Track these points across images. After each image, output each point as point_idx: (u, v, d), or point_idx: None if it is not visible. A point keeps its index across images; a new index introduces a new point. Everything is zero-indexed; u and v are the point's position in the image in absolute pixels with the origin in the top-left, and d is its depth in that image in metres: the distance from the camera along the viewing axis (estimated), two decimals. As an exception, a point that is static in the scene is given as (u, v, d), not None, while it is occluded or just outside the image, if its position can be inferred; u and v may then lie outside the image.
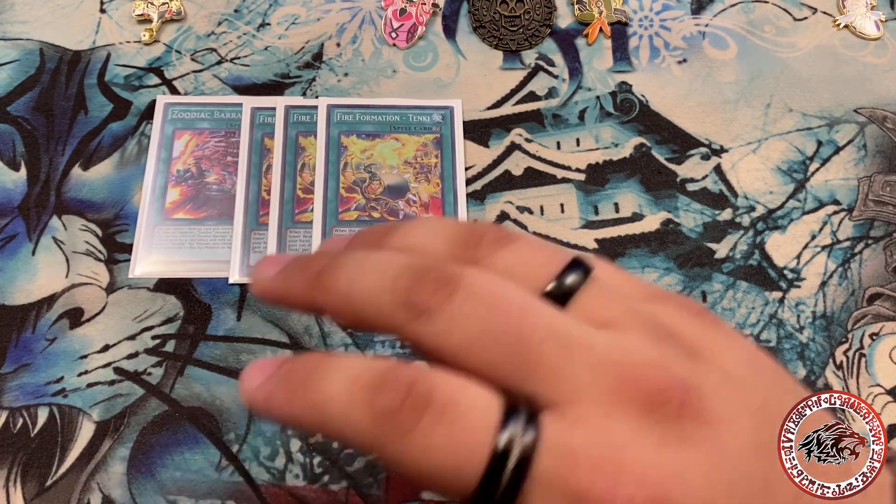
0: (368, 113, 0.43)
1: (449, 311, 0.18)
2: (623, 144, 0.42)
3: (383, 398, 0.17)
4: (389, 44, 0.45)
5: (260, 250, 0.39)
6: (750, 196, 0.41)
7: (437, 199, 0.41)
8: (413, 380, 0.17)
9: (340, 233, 0.39)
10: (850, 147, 0.43)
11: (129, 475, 0.34)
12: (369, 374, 0.18)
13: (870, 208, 0.41)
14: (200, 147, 0.42)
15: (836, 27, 0.47)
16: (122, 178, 0.41)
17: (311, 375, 0.18)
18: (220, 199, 0.40)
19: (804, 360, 0.37)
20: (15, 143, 0.41)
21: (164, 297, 0.38)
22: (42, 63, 0.44)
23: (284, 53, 0.45)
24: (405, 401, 0.17)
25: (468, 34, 0.46)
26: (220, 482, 0.34)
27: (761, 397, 0.19)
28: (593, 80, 0.44)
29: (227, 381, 0.36)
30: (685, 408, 0.17)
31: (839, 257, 0.40)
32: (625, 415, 0.17)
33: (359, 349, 0.37)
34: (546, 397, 0.17)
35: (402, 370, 0.18)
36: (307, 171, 0.41)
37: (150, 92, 0.43)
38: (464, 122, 0.43)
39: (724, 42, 0.46)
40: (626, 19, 0.46)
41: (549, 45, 0.46)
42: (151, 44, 0.45)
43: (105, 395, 0.35)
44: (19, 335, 0.36)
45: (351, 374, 0.18)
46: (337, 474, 0.34)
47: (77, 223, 0.39)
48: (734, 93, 0.44)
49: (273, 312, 0.37)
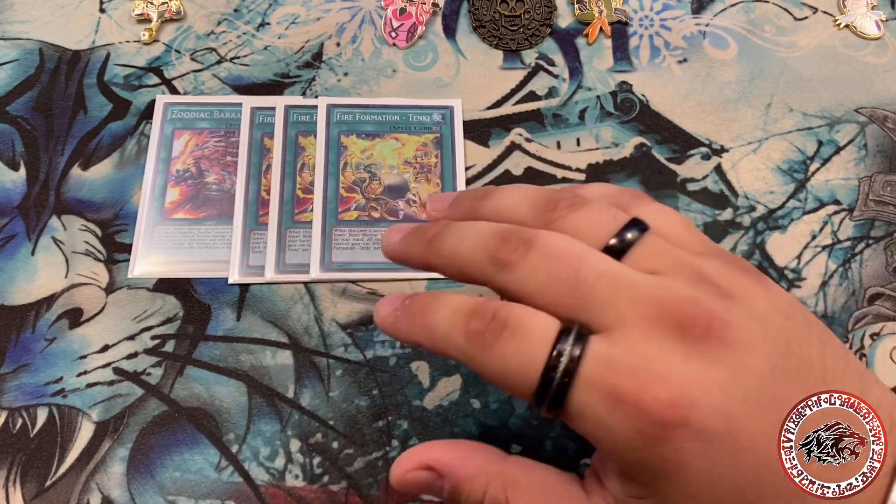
0: (368, 113, 0.43)
1: (524, 264, 0.23)
2: (623, 144, 0.42)
3: (474, 323, 0.23)
4: (389, 43, 0.45)
5: (259, 250, 0.39)
6: (750, 196, 0.41)
7: (436, 198, 0.41)
8: (496, 310, 0.23)
9: (340, 233, 0.39)
10: (851, 147, 0.43)
11: (129, 475, 0.34)
12: (466, 306, 0.23)
13: (870, 208, 0.41)
14: (200, 147, 0.41)
15: (836, 27, 0.47)
16: (122, 178, 0.41)
17: (425, 307, 0.24)
18: (219, 199, 0.40)
19: (804, 361, 0.37)
20: (14, 143, 0.41)
21: (164, 298, 0.38)
22: (41, 63, 0.44)
23: (284, 53, 0.45)
24: (489, 324, 0.22)
25: (468, 34, 0.46)
26: (219, 482, 0.34)
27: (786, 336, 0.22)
28: (593, 80, 0.44)
29: (227, 381, 0.36)
30: (710, 331, 0.21)
31: (840, 257, 0.40)
32: (658, 337, 0.21)
33: (359, 349, 0.37)
34: (596, 324, 0.22)
35: (490, 304, 0.23)
36: (307, 170, 0.41)
37: (149, 92, 0.43)
38: (464, 121, 0.43)
39: (725, 42, 0.46)
40: (626, 19, 0.46)
41: (550, 44, 0.46)
42: (151, 43, 0.45)
43: (104, 396, 0.35)
44: (18, 335, 0.36)
45: (453, 306, 0.24)
46: (337, 474, 0.34)
47: (76, 223, 0.39)
48: (734, 92, 0.44)
49: (273, 312, 0.37)
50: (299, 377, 0.36)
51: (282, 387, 0.36)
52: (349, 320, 0.37)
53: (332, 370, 0.36)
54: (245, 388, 0.36)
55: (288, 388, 0.36)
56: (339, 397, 0.36)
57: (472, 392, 0.36)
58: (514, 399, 0.36)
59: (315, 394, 0.36)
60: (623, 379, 0.20)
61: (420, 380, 0.36)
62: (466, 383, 0.36)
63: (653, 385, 0.20)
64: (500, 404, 0.36)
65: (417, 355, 0.37)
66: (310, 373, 0.36)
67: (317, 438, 0.35)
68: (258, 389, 0.36)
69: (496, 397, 0.36)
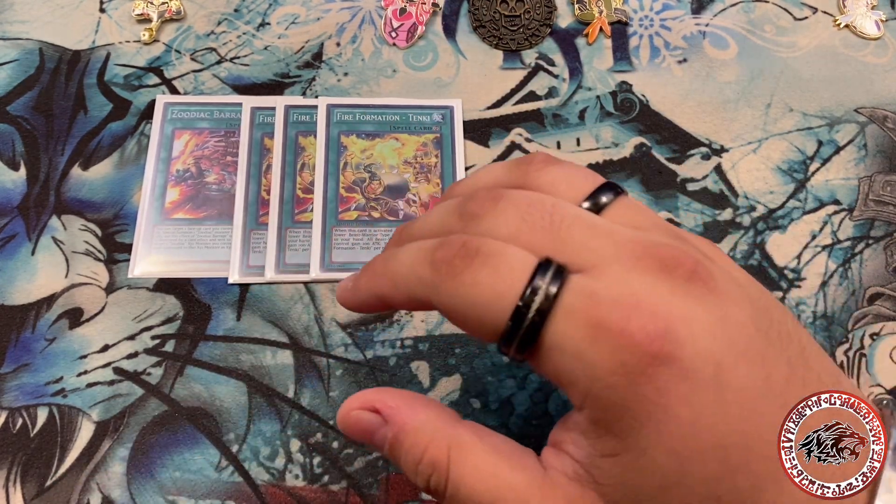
0: (368, 112, 0.43)
1: (494, 213, 0.21)
2: (623, 144, 0.42)
3: (441, 252, 0.21)
4: (389, 43, 0.45)
5: (260, 250, 0.39)
6: (750, 196, 0.41)
7: (437, 198, 0.41)
8: (466, 240, 0.21)
9: (340, 233, 0.39)
10: (851, 147, 0.43)
11: (129, 475, 0.34)
12: (431, 241, 0.22)
13: (870, 208, 0.41)
14: (200, 147, 0.42)
15: (836, 27, 0.47)
16: (122, 178, 0.41)
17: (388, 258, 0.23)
18: (219, 199, 0.40)
19: (804, 360, 0.37)
20: (14, 143, 0.41)
21: (164, 297, 0.38)
22: (41, 63, 0.44)
23: (284, 53, 0.45)
24: (458, 251, 0.21)
25: (468, 34, 0.46)
26: (219, 482, 0.34)
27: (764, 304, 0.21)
28: (593, 80, 0.44)
29: (227, 381, 0.36)
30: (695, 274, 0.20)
31: (839, 257, 0.40)
32: (642, 273, 0.20)
33: (359, 349, 0.37)
34: (576, 264, 0.20)
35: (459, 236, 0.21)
36: (307, 170, 0.41)
37: (149, 91, 0.43)
38: (464, 121, 0.43)
39: (725, 42, 0.46)
40: (626, 19, 0.46)
41: (549, 44, 0.46)
42: (151, 43, 0.45)
43: (105, 396, 0.35)
44: (19, 335, 0.36)
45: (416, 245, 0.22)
46: (337, 474, 0.34)
47: (76, 223, 0.39)
48: (734, 92, 0.44)
49: (273, 312, 0.37)
50: (299, 377, 0.36)
51: (282, 387, 0.36)
52: (349, 320, 0.37)
53: (333, 370, 0.36)
54: (245, 387, 0.36)
55: (288, 388, 0.36)
56: (340, 397, 0.36)
57: (472, 392, 0.36)
58: (514, 399, 0.36)
59: (315, 394, 0.36)
60: (607, 309, 0.19)
61: (420, 380, 0.36)
62: (466, 383, 0.36)
63: (639, 315, 0.19)
64: (500, 404, 0.36)
65: (417, 355, 0.37)
66: (310, 373, 0.36)
67: (317, 438, 0.35)
68: (258, 389, 0.36)
69: (496, 397, 0.36)
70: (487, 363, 0.37)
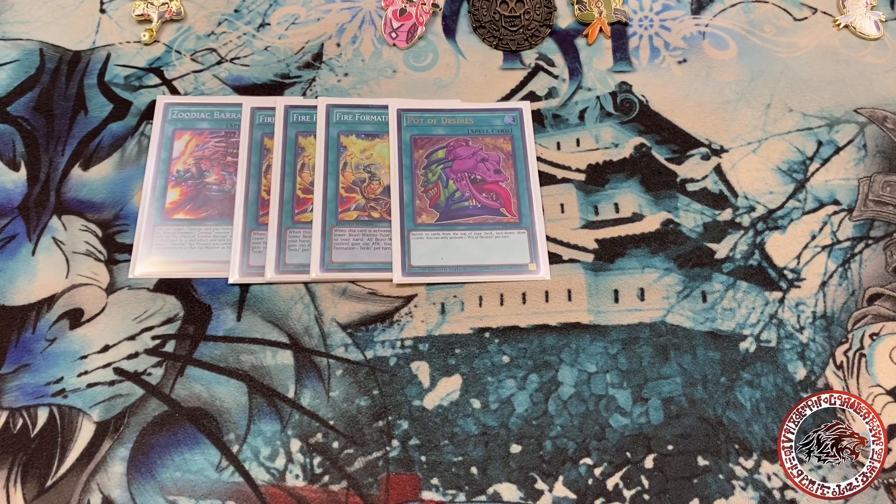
0: (368, 113, 0.43)
1: None
2: (623, 144, 0.42)
3: None
4: (389, 44, 0.45)
5: (260, 250, 0.39)
6: (750, 196, 0.41)
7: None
8: None
9: (340, 233, 0.39)
10: (851, 147, 0.43)
11: (129, 475, 0.34)
12: None
13: (870, 208, 0.41)
14: (200, 147, 0.42)
15: (836, 27, 0.47)
16: (122, 179, 0.41)
17: None
18: (219, 200, 0.40)
19: (804, 360, 0.37)
20: (15, 144, 0.41)
21: (164, 298, 0.38)
22: (42, 63, 0.44)
23: (284, 53, 0.45)
24: None
25: (468, 34, 0.46)
26: (220, 482, 0.34)
27: None
28: (593, 80, 0.44)
29: (228, 382, 0.36)
30: None
31: (839, 257, 0.40)
32: None
33: (359, 349, 0.37)
34: None
35: None
36: (307, 171, 0.41)
37: (150, 92, 0.43)
38: (464, 122, 0.43)
39: (724, 42, 0.46)
40: (626, 19, 0.46)
41: (549, 45, 0.46)
42: (151, 44, 0.45)
43: (105, 396, 0.35)
44: (19, 335, 0.36)
45: None
46: (337, 474, 0.34)
47: (77, 223, 0.39)
48: (734, 93, 0.44)
49: (273, 312, 0.37)
50: (300, 377, 0.36)
51: (282, 387, 0.36)
52: (349, 320, 0.37)
53: (333, 370, 0.36)
54: (245, 388, 0.36)
55: (288, 388, 0.36)
56: (340, 397, 0.36)
57: (472, 392, 0.36)
58: (514, 399, 0.36)
59: (315, 394, 0.36)
60: None
61: (420, 380, 0.36)
62: (466, 383, 0.36)
63: None
64: (500, 404, 0.36)
65: (417, 355, 0.37)
66: (310, 373, 0.36)
67: (317, 438, 0.35)
68: (259, 389, 0.36)
69: (496, 397, 0.36)
70: (487, 363, 0.37)
